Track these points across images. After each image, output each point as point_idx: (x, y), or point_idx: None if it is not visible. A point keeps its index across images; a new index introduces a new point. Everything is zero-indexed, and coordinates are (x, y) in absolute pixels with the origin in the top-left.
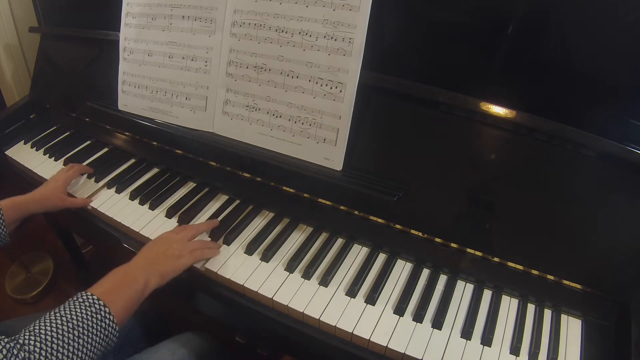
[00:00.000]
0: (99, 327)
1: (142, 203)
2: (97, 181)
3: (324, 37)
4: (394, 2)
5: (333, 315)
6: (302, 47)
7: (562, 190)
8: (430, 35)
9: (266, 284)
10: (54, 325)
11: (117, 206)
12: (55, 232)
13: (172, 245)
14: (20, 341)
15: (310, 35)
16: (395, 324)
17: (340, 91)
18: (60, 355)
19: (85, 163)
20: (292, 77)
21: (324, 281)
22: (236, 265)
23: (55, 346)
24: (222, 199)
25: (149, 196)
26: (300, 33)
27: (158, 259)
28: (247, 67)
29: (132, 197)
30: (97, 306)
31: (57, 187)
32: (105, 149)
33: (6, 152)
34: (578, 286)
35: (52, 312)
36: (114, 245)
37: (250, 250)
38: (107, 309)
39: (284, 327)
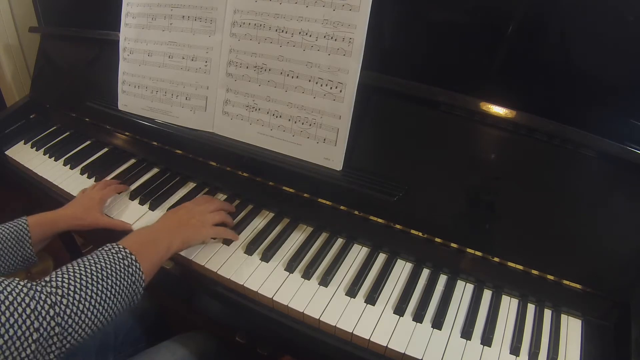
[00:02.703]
0: (129, 281)
1: (142, 203)
2: (96, 181)
3: (324, 37)
4: (394, 2)
5: (333, 315)
6: (302, 47)
7: (562, 190)
8: (430, 35)
9: (266, 284)
10: (87, 266)
11: (117, 206)
12: None
13: (195, 215)
14: (47, 279)
15: (310, 35)
16: (395, 324)
17: (340, 91)
18: (89, 293)
19: (85, 163)
20: (292, 77)
21: (324, 281)
22: (236, 265)
23: (85, 283)
24: (222, 199)
25: (149, 196)
26: (300, 33)
27: (181, 226)
28: (247, 67)
29: (132, 197)
30: (129, 259)
31: (92, 206)
32: (105, 149)
33: (6, 152)
34: (578, 286)
35: (84, 258)
36: None
37: (250, 250)
38: (138, 264)
39: (284, 327)
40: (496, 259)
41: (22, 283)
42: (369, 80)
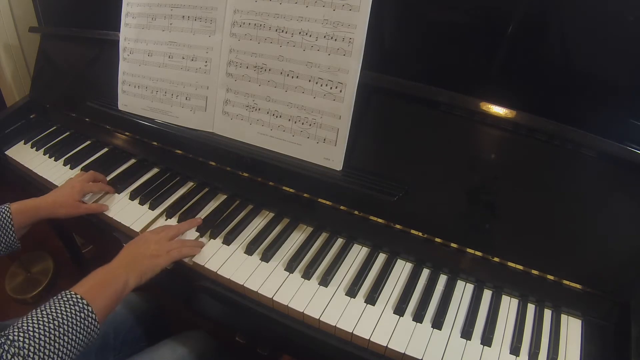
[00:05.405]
0: (82, 325)
1: (142, 203)
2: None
3: (324, 37)
4: (394, 2)
5: (333, 315)
6: (302, 47)
7: (562, 190)
8: (430, 35)
9: (266, 284)
10: (40, 322)
11: (117, 206)
12: (55, 232)
13: (150, 245)
14: (10, 337)
15: (310, 35)
16: (395, 324)
17: (340, 91)
18: (47, 352)
19: (85, 163)
20: (292, 77)
21: (324, 281)
22: (236, 265)
23: (42, 342)
24: (222, 198)
25: (149, 196)
26: (300, 33)
27: (137, 258)
28: (247, 67)
29: (132, 197)
30: (81, 305)
31: (72, 193)
32: (105, 149)
33: (6, 152)
34: (578, 286)
35: (38, 310)
36: (114, 245)
37: (250, 250)
38: (89, 308)
39: (284, 327)
40: (496, 259)
41: None
42: (369, 80)
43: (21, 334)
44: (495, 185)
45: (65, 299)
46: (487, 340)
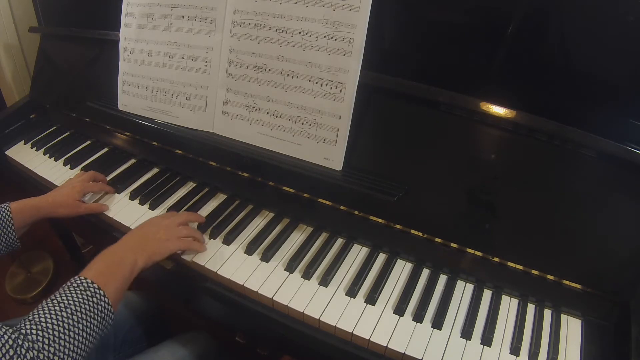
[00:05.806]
0: (95, 310)
1: (142, 203)
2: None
3: (324, 37)
4: (394, 2)
5: (333, 315)
6: (302, 47)
7: (562, 190)
8: (430, 35)
9: (266, 284)
10: (52, 312)
11: (117, 206)
12: (55, 232)
13: (160, 229)
14: (23, 331)
15: (310, 35)
16: (395, 324)
17: (340, 91)
18: (62, 342)
19: (85, 163)
20: (292, 77)
21: (324, 281)
22: (236, 265)
23: (56, 332)
24: (222, 198)
25: (149, 196)
26: (300, 33)
27: (146, 240)
28: (247, 67)
29: (132, 197)
30: (92, 289)
31: (72, 193)
32: (105, 149)
33: (6, 152)
34: (578, 286)
35: (49, 300)
36: None
37: (250, 250)
38: (101, 292)
39: (284, 327)
40: (496, 259)
41: (7, 334)
42: (369, 80)
43: (34, 327)
44: (495, 185)
45: (75, 284)
46: (487, 340)
